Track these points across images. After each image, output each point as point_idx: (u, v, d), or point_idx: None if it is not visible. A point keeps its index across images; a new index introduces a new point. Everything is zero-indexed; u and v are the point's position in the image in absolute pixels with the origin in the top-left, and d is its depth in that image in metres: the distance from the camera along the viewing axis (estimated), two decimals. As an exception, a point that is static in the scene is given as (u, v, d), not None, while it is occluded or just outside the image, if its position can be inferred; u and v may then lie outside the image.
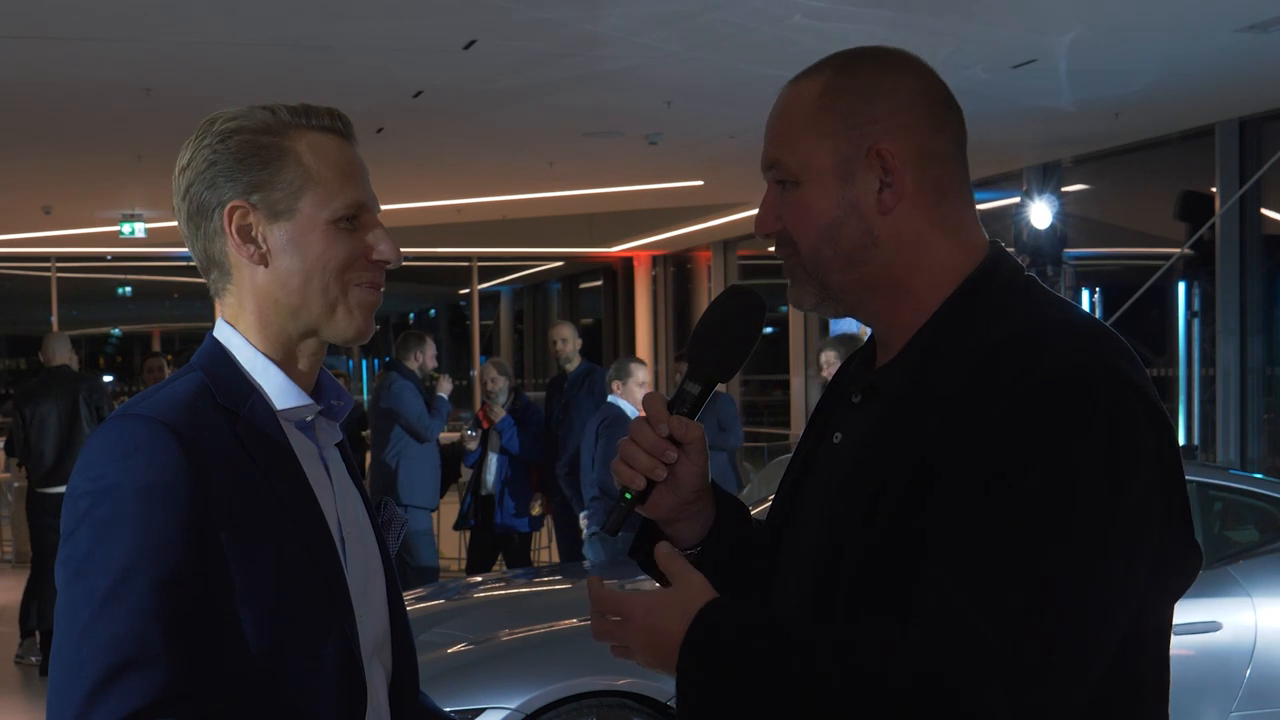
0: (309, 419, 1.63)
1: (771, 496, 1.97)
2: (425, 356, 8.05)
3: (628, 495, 1.56)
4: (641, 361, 7.61)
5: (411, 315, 22.47)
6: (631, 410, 7.28)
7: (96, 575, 1.42)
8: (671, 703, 4.54)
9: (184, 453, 1.46)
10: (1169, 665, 1.49)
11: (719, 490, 1.67)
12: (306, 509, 1.56)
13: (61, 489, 7.21)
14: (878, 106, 1.49)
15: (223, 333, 1.62)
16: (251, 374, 1.59)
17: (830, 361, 6.86)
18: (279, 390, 1.59)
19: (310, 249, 1.57)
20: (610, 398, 7.35)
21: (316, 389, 1.65)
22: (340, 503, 1.63)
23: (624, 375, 7.29)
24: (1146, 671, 1.46)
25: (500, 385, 8.19)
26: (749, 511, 1.73)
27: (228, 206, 1.56)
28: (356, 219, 1.59)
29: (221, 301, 1.63)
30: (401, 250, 1.63)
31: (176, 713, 1.39)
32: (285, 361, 1.61)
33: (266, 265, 1.58)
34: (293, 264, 1.57)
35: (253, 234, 1.57)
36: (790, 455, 1.74)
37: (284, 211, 1.57)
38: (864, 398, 1.56)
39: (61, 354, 8.16)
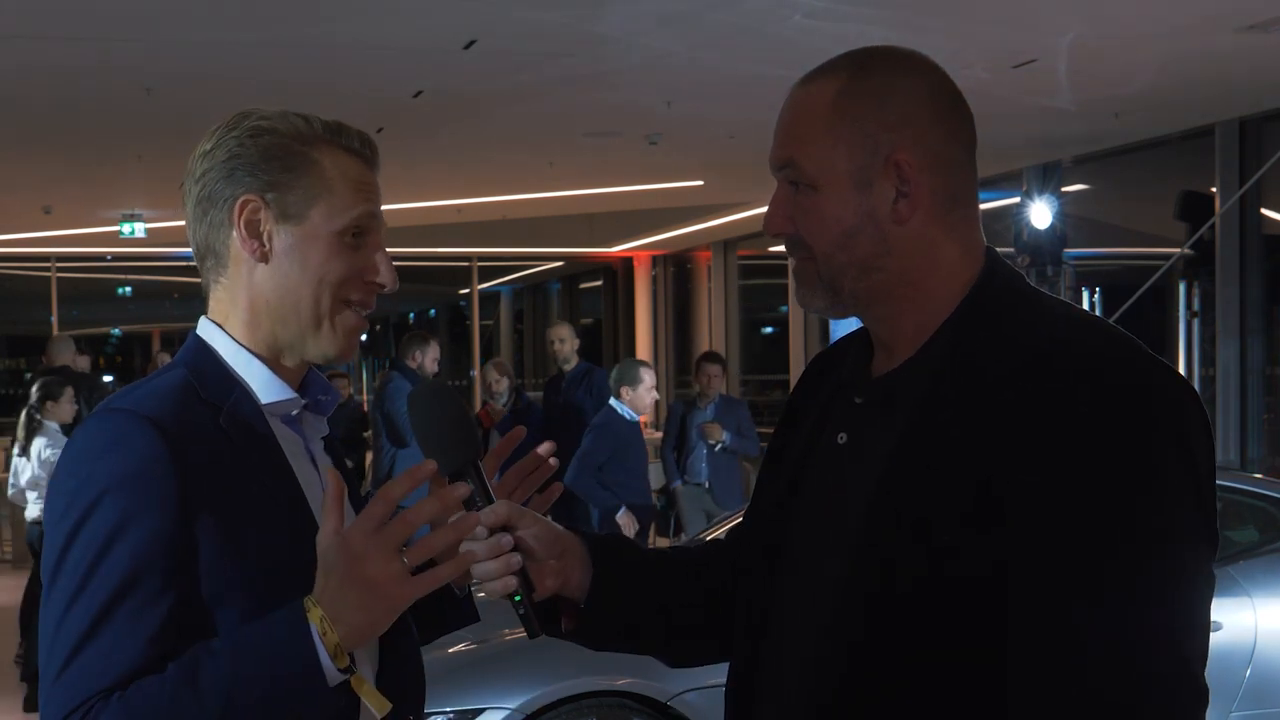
0: (294, 413, 1.64)
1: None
2: (425, 358, 8.06)
3: (516, 597, 1.59)
4: (647, 364, 7.53)
5: (411, 315, 22.47)
6: (629, 414, 7.26)
7: (75, 568, 1.43)
8: (671, 703, 4.55)
9: (167, 446, 1.46)
10: None
11: (576, 531, 1.71)
12: (292, 501, 1.56)
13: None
14: (894, 112, 1.48)
15: (206, 330, 1.62)
16: (235, 369, 1.59)
17: None
18: (263, 384, 1.59)
19: (312, 257, 1.58)
20: (611, 401, 7.33)
21: (302, 384, 1.65)
22: None
23: (633, 381, 7.24)
24: None
25: (503, 386, 8.19)
26: (612, 537, 1.78)
27: (240, 198, 1.57)
28: (362, 237, 1.60)
29: (212, 295, 1.63)
30: (401, 251, 1.63)
31: (140, 693, 1.39)
32: (270, 357, 1.61)
33: (266, 263, 1.58)
34: (291, 267, 1.58)
35: (260, 229, 1.57)
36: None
37: (294, 215, 1.57)
38: (870, 400, 1.54)
39: (63, 356, 8.23)
